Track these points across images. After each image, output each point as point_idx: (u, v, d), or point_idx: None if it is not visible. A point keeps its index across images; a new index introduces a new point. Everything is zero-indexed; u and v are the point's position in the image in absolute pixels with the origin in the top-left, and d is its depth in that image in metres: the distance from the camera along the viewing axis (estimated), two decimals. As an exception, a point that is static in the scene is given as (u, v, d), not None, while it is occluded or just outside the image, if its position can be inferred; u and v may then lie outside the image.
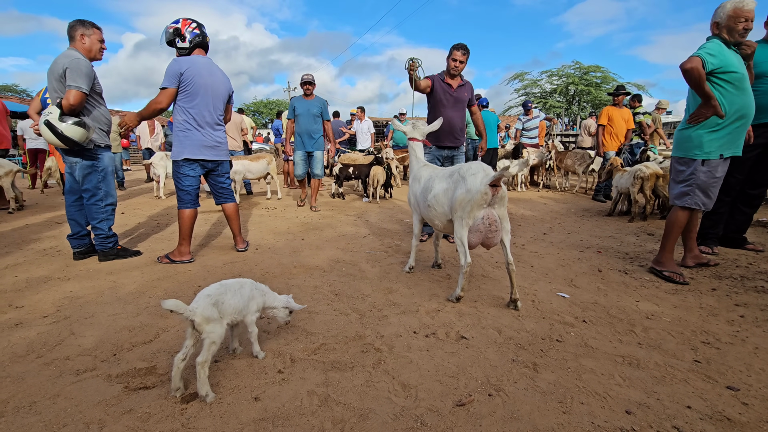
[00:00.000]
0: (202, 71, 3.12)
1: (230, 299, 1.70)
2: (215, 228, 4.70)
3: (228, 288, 1.73)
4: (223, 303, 1.66)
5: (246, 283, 1.84)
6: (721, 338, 2.04)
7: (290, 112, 5.59)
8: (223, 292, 1.69)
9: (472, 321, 2.25)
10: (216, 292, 1.68)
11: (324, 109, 5.56)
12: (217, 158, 3.31)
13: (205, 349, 1.56)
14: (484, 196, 2.34)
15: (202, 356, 1.55)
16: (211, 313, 1.59)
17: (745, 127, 2.78)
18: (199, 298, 1.64)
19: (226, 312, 1.67)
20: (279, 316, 1.94)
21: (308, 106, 5.44)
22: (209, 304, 1.61)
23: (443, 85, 3.93)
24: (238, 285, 1.78)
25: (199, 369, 1.54)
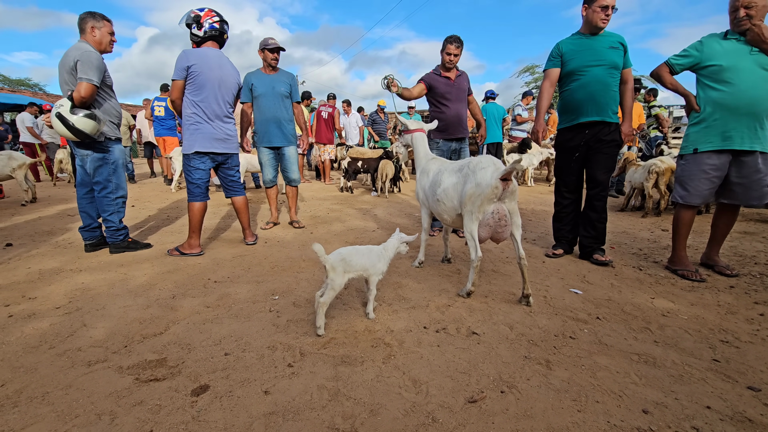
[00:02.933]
0: (211, 64, 3.10)
1: (357, 259, 2.07)
2: (224, 221, 4.71)
3: (358, 251, 2.11)
4: (351, 261, 2.04)
5: (374, 248, 2.19)
6: (741, 337, 1.99)
7: (246, 93, 3.94)
8: (353, 253, 2.08)
9: (483, 317, 2.22)
10: (347, 252, 2.07)
11: (294, 86, 4.11)
12: (227, 151, 3.30)
13: (327, 292, 1.99)
14: (494, 190, 2.30)
15: (324, 297, 2.00)
16: (337, 266, 2.00)
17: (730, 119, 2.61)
18: (334, 253, 2.07)
19: (353, 268, 2.05)
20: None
21: (272, 82, 3.94)
22: (339, 259, 2.02)
23: (441, 80, 3.89)
24: (367, 250, 2.15)
25: (319, 306, 1.99)
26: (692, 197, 2.74)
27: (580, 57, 3.02)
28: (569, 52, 3.08)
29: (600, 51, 2.99)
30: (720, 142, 2.62)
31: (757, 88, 2.51)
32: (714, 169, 2.66)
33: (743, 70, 2.53)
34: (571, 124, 3.18)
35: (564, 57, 3.09)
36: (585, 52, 3.01)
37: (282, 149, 4.18)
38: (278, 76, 4.02)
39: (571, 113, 3.16)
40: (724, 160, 2.65)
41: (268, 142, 4.09)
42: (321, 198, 6.54)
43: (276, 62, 3.98)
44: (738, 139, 2.58)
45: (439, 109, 3.95)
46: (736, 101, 2.54)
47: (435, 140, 4.00)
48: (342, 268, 2.01)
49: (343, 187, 7.38)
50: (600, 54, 2.99)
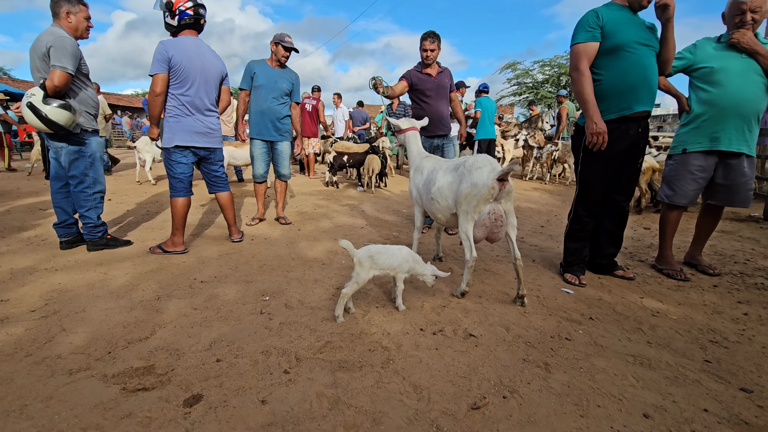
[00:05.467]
0: (190, 55, 2.96)
1: (385, 258, 2.15)
2: (208, 217, 4.57)
3: (387, 250, 2.19)
4: (378, 259, 2.13)
5: (403, 249, 2.26)
6: (729, 337, 2.04)
7: (246, 80, 3.88)
8: (381, 252, 2.16)
9: (479, 318, 2.21)
10: (376, 250, 2.17)
11: (296, 85, 4.06)
12: (210, 145, 3.18)
13: (350, 285, 2.11)
14: (491, 190, 2.28)
15: (346, 288, 2.11)
16: (364, 261, 2.12)
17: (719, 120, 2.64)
18: (364, 248, 2.18)
19: (380, 266, 2.15)
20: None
21: (275, 76, 3.88)
22: (366, 255, 2.13)
23: (422, 77, 3.90)
24: (396, 249, 2.22)
25: (341, 296, 2.12)
26: (678, 197, 2.79)
27: (627, 30, 2.46)
28: (612, 22, 2.47)
29: (644, 29, 2.51)
30: (708, 143, 2.67)
31: (745, 91, 2.56)
32: (700, 170, 2.72)
33: (733, 72, 2.58)
34: (621, 114, 2.53)
35: (605, 28, 2.46)
36: (630, 26, 2.47)
37: (275, 144, 4.12)
38: (283, 72, 3.99)
39: (621, 100, 2.51)
40: (711, 161, 2.70)
41: (261, 135, 4.02)
42: (306, 193, 6.43)
43: (285, 60, 3.99)
44: (725, 140, 2.63)
45: (420, 106, 3.97)
46: (724, 102, 2.58)
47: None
48: (369, 264, 2.13)
49: (328, 181, 7.28)
50: (645, 33, 2.50)
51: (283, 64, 3.99)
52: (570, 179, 8.49)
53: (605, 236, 2.85)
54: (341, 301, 2.13)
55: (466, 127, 8.84)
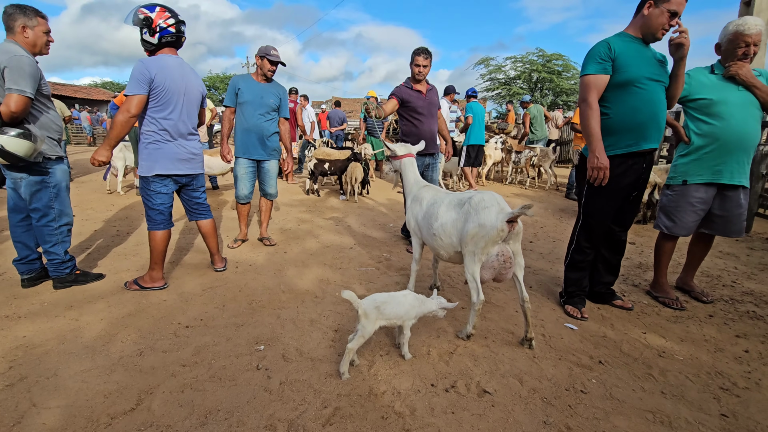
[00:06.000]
0: (174, 75, 2.71)
1: (391, 307, 2.03)
2: (185, 237, 4.29)
3: (392, 298, 2.08)
4: (385, 309, 2.01)
5: (409, 295, 2.15)
6: (737, 382, 2.04)
7: (230, 96, 3.70)
8: (387, 301, 2.04)
9: (489, 366, 2.12)
10: (382, 299, 2.05)
11: (284, 100, 3.88)
12: (193, 172, 2.94)
13: (355, 339, 1.98)
14: (500, 233, 2.19)
15: (351, 343, 1.98)
16: (370, 312, 1.98)
17: (721, 153, 2.64)
18: (369, 297, 2.06)
19: (387, 316, 2.02)
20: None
21: (261, 92, 3.69)
22: (372, 306, 2.00)
23: (413, 94, 3.84)
24: (402, 296, 2.11)
25: (347, 351, 1.98)
26: (678, 229, 2.80)
27: (639, 65, 2.40)
28: (624, 55, 2.40)
29: (656, 64, 2.45)
30: (710, 176, 2.67)
31: (748, 124, 2.58)
32: (701, 202, 2.72)
33: (734, 104, 2.58)
34: (627, 150, 2.49)
35: (617, 61, 2.40)
36: (642, 61, 2.41)
37: (262, 163, 3.93)
38: (269, 87, 3.79)
39: (628, 136, 2.47)
40: (711, 193, 2.71)
41: (247, 154, 3.81)
42: (287, 203, 6.19)
43: (272, 74, 3.78)
44: (728, 173, 2.64)
45: (413, 123, 3.90)
46: (728, 136, 2.59)
47: None
48: (375, 316, 2.00)
49: (309, 189, 7.05)
50: (656, 68, 2.45)
51: (270, 78, 3.77)
52: (549, 183, 8.59)
53: (603, 265, 2.84)
54: (347, 357, 1.99)
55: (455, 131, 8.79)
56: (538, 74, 29.79)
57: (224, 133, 3.80)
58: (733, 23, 2.63)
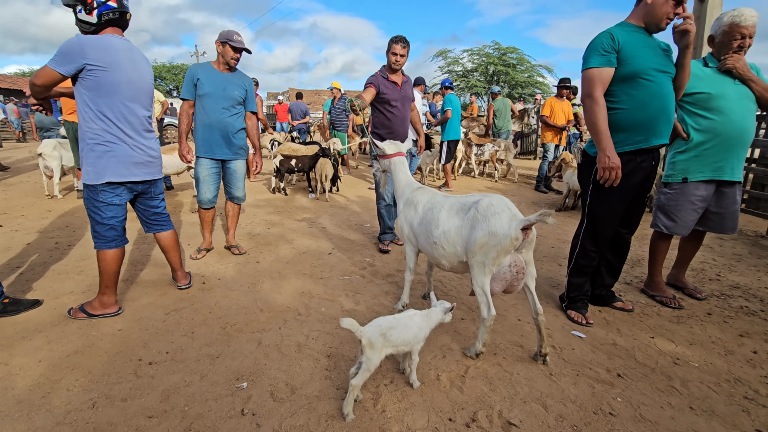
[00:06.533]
0: (121, 60, 2.26)
1: (398, 333, 1.78)
2: (140, 248, 3.78)
3: (398, 322, 1.82)
4: (392, 336, 1.75)
5: (415, 316, 1.90)
6: (759, 389, 1.96)
7: (188, 88, 3.25)
8: (393, 326, 1.78)
9: (507, 391, 1.91)
10: (387, 325, 1.77)
11: (250, 92, 3.47)
12: (151, 177, 2.50)
13: (360, 374, 1.69)
14: (513, 242, 1.97)
15: (356, 379, 1.69)
16: (376, 341, 1.71)
17: (722, 149, 2.57)
18: (372, 324, 1.78)
19: (394, 343, 1.76)
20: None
21: (224, 83, 3.27)
22: (377, 333, 1.72)
23: (389, 85, 3.62)
24: (407, 318, 1.86)
25: (351, 389, 1.69)
26: (679, 228, 2.72)
27: (645, 55, 2.25)
28: (628, 45, 2.24)
29: (661, 54, 2.32)
30: (711, 173, 2.60)
31: (747, 119, 2.52)
32: (701, 200, 2.65)
33: (732, 99, 2.51)
34: (636, 147, 2.33)
35: (621, 52, 2.24)
36: (648, 51, 2.27)
37: (228, 163, 3.50)
38: (233, 77, 3.37)
39: (638, 132, 2.31)
40: (711, 190, 2.65)
41: (210, 153, 3.38)
42: (253, 204, 5.72)
43: (235, 63, 3.34)
44: (729, 169, 2.58)
45: (385, 115, 3.66)
46: (729, 131, 2.51)
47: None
48: (381, 344, 1.73)
49: (275, 188, 6.60)
50: (662, 58, 2.31)
51: (233, 67, 3.34)
52: (516, 176, 8.62)
53: (606, 268, 2.72)
54: (350, 395, 1.70)
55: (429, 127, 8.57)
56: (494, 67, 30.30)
57: (182, 130, 3.34)
58: (728, 14, 2.55)
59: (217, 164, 3.45)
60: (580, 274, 2.64)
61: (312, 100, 30.50)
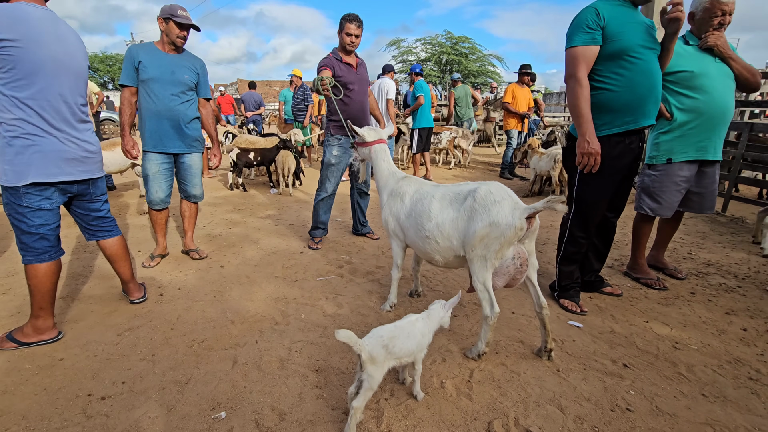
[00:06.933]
0: (42, 34, 1.84)
1: (402, 343, 1.57)
2: (79, 257, 3.29)
3: (400, 330, 1.61)
4: (394, 347, 1.54)
5: (417, 322, 1.69)
6: (759, 368, 1.95)
7: (129, 72, 2.81)
8: (395, 335, 1.57)
9: (518, 394, 1.77)
10: (389, 334, 1.56)
11: (203, 76, 3.06)
12: (90, 176, 2.11)
13: (362, 394, 1.48)
14: (518, 232, 1.82)
15: (357, 400, 1.47)
16: (378, 355, 1.50)
17: (705, 129, 2.56)
18: (371, 336, 1.56)
19: (397, 355, 1.56)
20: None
21: (171, 66, 2.86)
22: (379, 345, 1.52)
23: (344, 67, 3.36)
24: (409, 325, 1.65)
25: (353, 413, 1.47)
26: (664, 210, 2.70)
27: (631, 31, 2.15)
28: (615, 21, 2.13)
29: (647, 29, 2.21)
30: (695, 152, 2.58)
31: (728, 97, 2.51)
32: (685, 181, 2.64)
33: (714, 77, 2.49)
34: (625, 128, 2.24)
35: (607, 28, 2.13)
36: (635, 26, 2.17)
37: (181, 157, 3.10)
38: (182, 59, 2.96)
39: (626, 113, 2.22)
40: (694, 170, 2.63)
41: (160, 147, 2.96)
42: (209, 202, 5.26)
43: (183, 42, 2.91)
44: (711, 149, 2.57)
45: (343, 101, 3.36)
46: (712, 110, 2.49)
47: (336, 136, 3.45)
48: (383, 357, 1.51)
49: (232, 184, 6.13)
50: (648, 34, 2.20)
51: (180, 47, 2.93)
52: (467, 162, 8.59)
53: (593, 253, 2.66)
54: (353, 420, 1.47)
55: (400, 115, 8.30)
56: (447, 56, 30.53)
57: (125, 121, 2.88)
58: None
59: (169, 159, 3.05)
60: (571, 262, 2.56)
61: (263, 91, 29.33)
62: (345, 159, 3.50)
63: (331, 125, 3.47)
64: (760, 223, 3.64)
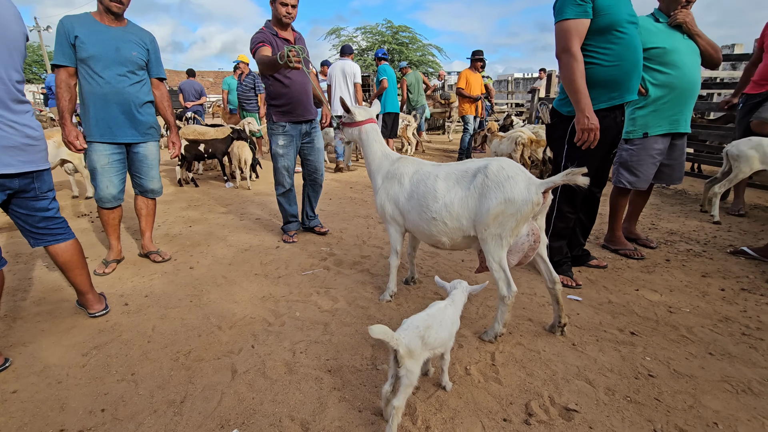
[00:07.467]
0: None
1: (436, 332, 1.45)
2: (12, 268, 2.79)
3: (432, 318, 1.48)
4: (429, 337, 1.41)
5: (446, 309, 1.57)
6: (748, 324, 2.08)
7: (64, 50, 2.39)
8: (429, 325, 1.44)
9: (544, 372, 1.73)
10: (424, 323, 1.43)
11: (153, 52, 2.69)
12: (33, 167, 1.74)
13: (401, 392, 1.34)
14: (535, 207, 1.77)
15: (398, 399, 1.33)
16: (415, 348, 1.37)
17: (677, 103, 2.69)
18: (407, 326, 1.42)
19: (432, 345, 1.43)
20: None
21: (115, 41, 2.48)
22: (416, 337, 1.38)
23: (281, 42, 3.00)
24: (439, 312, 1.53)
25: (394, 414, 1.32)
26: (641, 182, 2.81)
27: (619, 5, 2.16)
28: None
29: (629, 2, 2.25)
30: (668, 126, 2.69)
31: (696, 72, 2.64)
32: (659, 153, 2.76)
33: (684, 53, 2.61)
34: (610, 104, 2.26)
35: (597, 1, 2.12)
36: (620, 0, 2.19)
37: (134, 147, 2.72)
38: (127, 33, 2.56)
39: (612, 88, 2.24)
40: (667, 143, 2.76)
41: (109, 136, 2.57)
42: (161, 200, 4.71)
43: (121, 9, 2.49)
44: (683, 122, 2.70)
45: (283, 83, 3.06)
46: (683, 84, 2.61)
47: (280, 124, 3.14)
48: (420, 350, 1.38)
49: (181, 179, 5.61)
50: (631, 7, 2.24)
51: (119, 14, 2.52)
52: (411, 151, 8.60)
53: (580, 228, 2.72)
54: (394, 420, 1.31)
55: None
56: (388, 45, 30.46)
57: (63, 108, 2.45)
58: None
59: (120, 149, 2.66)
60: (560, 237, 2.58)
61: (197, 83, 27.47)
62: (293, 148, 3.22)
63: (274, 111, 3.12)
64: (707, 194, 3.96)
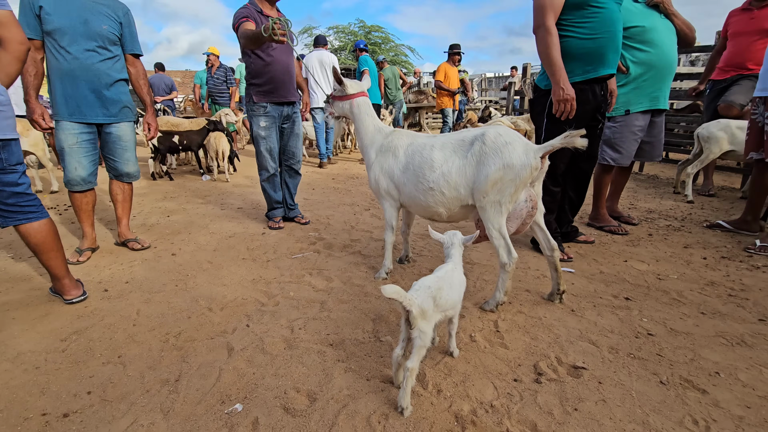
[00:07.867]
0: None
1: (447, 293, 1.41)
2: None
3: (444, 282, 1.43)
4: (441, 298, 1.37)
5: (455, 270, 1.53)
6: (732, 287, 2.16)
7: (29, 21, 2.23)
8: (440, 286, 1.39)
9: (549, 337, 1.73)
10: (436, 284, 1.38)
11: (127, 25, 2.52)
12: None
13: (415, 353, 1.29)
14: (533, 172, 1.77)
15: (412, 361, 1.28)
16: (428, 308, 1.32)
17: (657, 80, 2.77)
18: (419, 286, 1.37)
19: (443, 307, 1.39)
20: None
21: (83, 11, 2.32)
22: (428, 297, 1.33)
23: (265, 20, 2.85)
24: (450, 276, 1.48)
25: (408, 376, 1.27)
26: (624, 159, 2.88)
27: None
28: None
29: None
30: (648, 103, 2.78)
31: (674, 50, 2.74)
32: (640, 130, 2.84)
33: (661, 31, 2.69)
34: (585, 77, 2.30)
35: None
36: None
37: (106, 128, 2.56)
38: (97, 4, 2.40)
39: (587, 61, 2.28)
40: (647, 120, 2.85)
41: (78, 116, 2.41)
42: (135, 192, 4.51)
43: None
44: (663, 99, 2.79)
45: (264, 61, 2.95)
46: (662, 62, 2.70)
47: (261, 104, 3.03)
48: (432, 310, 1.34)
49: (155, 172, 5.36)
50: None
51: None
52: None
53: (569, 205, 2.76)
54: (409, 382, 1.28)
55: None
56: (363, 45, 30.42)
57: (29, 84, 2.27)
58: None
59: (91, 129, 2.49)
60: (548, 212, 2.59)
61: (164, 82, 26.59)
62: (275, 130, 3.11)
63: (254, 91, 3.00)
64: (680, 175, 4.12)
